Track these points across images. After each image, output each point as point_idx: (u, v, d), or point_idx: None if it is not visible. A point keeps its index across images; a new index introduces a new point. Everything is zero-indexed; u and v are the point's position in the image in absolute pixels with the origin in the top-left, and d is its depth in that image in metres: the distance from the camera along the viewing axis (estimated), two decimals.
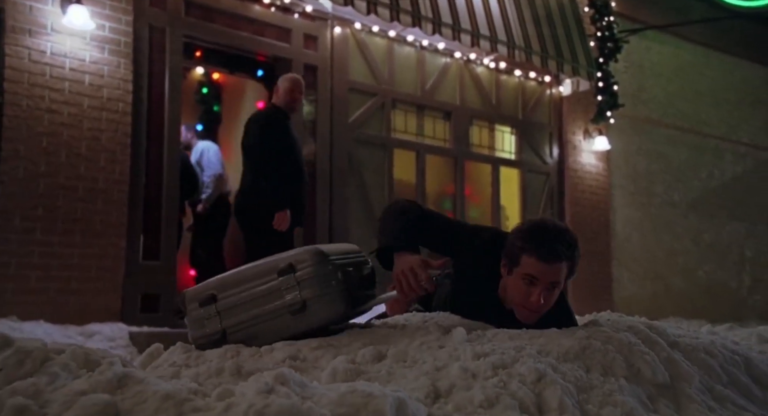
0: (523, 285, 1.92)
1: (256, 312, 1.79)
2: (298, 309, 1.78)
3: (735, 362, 1.75)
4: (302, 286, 1.79)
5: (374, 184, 6.08)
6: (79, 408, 1.09)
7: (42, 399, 1.13)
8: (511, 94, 7.11)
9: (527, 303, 1.92)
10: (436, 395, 1.37)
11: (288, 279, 1.80)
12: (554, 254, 1.90)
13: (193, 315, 1.81)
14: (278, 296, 1.79)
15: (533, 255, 1.90)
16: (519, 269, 1.93)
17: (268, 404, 1.10)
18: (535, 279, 1.90)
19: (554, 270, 1.91)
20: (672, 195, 8.39)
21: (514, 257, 1.95)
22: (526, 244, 1.92)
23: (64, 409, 1.10)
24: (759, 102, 9.72)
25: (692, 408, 1.45)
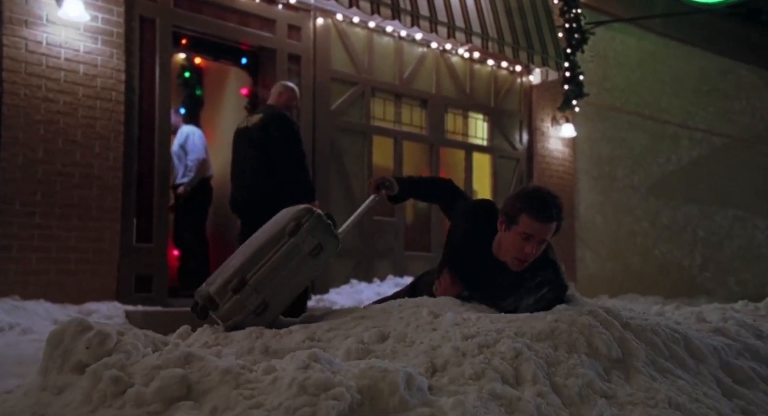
0: (520, 239, 2.32)
1: (285, 272, 2.14)
2: (318, 251, 2.20)
3: (675, 339, 2.08)
4: (313, 234, 2.20)
5: (354, 170, 6.34)
6: (160, 379, 1.35)
7: (127, 372, 1.40)
8: (483, 82, 7.39)
9: (521, 254, 2.32)
10: (433, 370, 1.67)
11: (300, 234, 2.19)
12: (548, 216, 2.31)
13: (231, 303, 2.07)
14: (297, 250, 2.18)
15: (531, 216, 2.29)
16: (517, 227, 2.32)
17: (308, 377, 1.37)
18: (531, 236, 2.30)
19: (546, 229, 2.32)
20: (632, 179, 8.80)
21: (514, 217, 2.33)
22: (526, 206, 2.31)
23: (148, 380, 1.36)
24: (715, 90, 10.16)
25: (639, 378, 1.77)
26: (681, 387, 1.80)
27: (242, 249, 2.25)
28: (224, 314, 2.08)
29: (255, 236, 2.28)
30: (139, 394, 1.34)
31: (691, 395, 1.77)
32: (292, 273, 2.13)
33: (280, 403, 1.32)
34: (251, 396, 1.36)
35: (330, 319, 2.07)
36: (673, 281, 8.82)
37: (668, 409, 1.63)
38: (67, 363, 1.55)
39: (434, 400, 1.44)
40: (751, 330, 2.52)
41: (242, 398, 1.35)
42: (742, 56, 10.35)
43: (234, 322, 2.07)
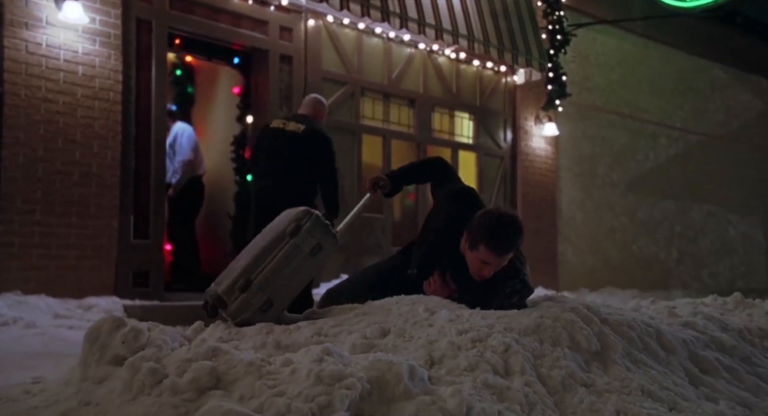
0: (479, 263, 2.48)
1: (287, 271, 2.30)
2: (318, 250, 2.37)
3: (649, 333, 2.27)
4: (312, 234, 2.37)
5: (344, 168, 6.45)
6: (193, 370, 1.51)
7: (161, 364, 1.55)
8: (469, 82, 7.56)
9: (479, 274, 2.51)
10: (431, 362, 1.84)
11: (300, 235, 2.35)
12: (505, 249, 2.45)
13: (239, 301, 2.22)
14: (298, 250, 2.34)
15: (489, 248, 2.43)
16: (477, 253, 2.46)
17: (323, 369, 1.54)
18: (488, 263, 2.46)
19: (501, 260, 2.48)
20: (612, 176, 9.04)
21: (475, 243, 2.47)
22: (485, 238, 2.43)
23: (181, 371, 1.52)
24: (691, 90, 10.43)
25: (615, 369, 1.95)
26: (653, 376, 1.99)
27: (247, 251, 2.40)
28: (233, 312, 2.23)
29: (258, 237, 2.43)
30: (174, 384, 1.50)
31: (662, 383, 1.96)
32: (294, 271, 2.28)
33: (300, 392, 1.48)
34: (274, 385, 1.52)
35: (334, 315, 2.24)
36: (650, 274, 9.09)
37: (641, 396, 1.82)
38: (104, 357, 1.71)
39: (434, 389, 1.61)
40: (717, 323, 2.72)
41: (266, 387, 1.51)
42: (718, 57, 10.63)
43: (242, 319, 2.22)
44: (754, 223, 11.11)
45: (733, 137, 10.98)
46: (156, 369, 1.53)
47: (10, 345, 3.96)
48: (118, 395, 1.53)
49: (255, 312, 2.22)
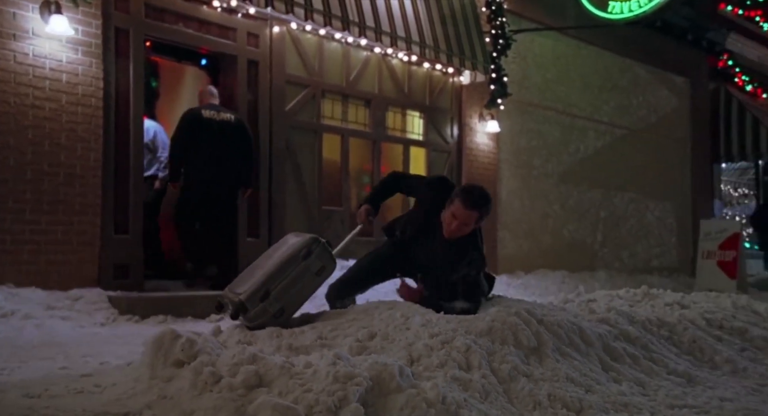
0: (450, 217, 3.13)
1: (298, 286, 2.86)
2: (322, 271, 2.96)
3: (573, 330, 2.87)
4: (320, 258, 2.96)
5: (306, 165, 6.91)
6: (242, 372, 1.99)
7: (216, 367, 2.03)
8: (420, 83, 8.05)
9: (448, 228, 3.16)
10: (411, 361, 2.37)
11: (310, 259, 2.92)
12: (472, 203, 3.13)
13: (258, 308, 2.71)
14: (307, 270, 2.89)
15: (460, 200, 3.12)
16: (451, 207, 3.14)
17: (338, 370, 2.04)
18: (455, 217, 3.10)
19: (467, 214, 3.12)
20: (547, 167, 9.76)
21: (452, 199, 3.16)
22: (459, 193, 3.15)
23: (233, 373, 2.00)
24: (616, 87, 11.22)
25: (548, 361, 2.53)
26: (575, 366, 2.59)
27: (261, 265, 2.88)
28: (252, 317, 2.72)
29: (271, 256, 2.91)
30: (230, 383, 1.98)
31: (582, 371, 2.56)
32: (302, 287, 2.79)
33: (323, 388, 1.99)
34: (302, 383, 2.01)
35: (329, 320, 2.74)
36: (578, 256, 9.91)
37: (566, 382, 2.40)
38: (168, 361, 2.16)
39: (417, 383, 2.14)
40: (626, 317, 3.36)
41: (297, 385, 2.00)
42: (640, 57, 11.42)
43: (258, 323, 2.70)
44: (668, 208, 12.11)
45: (652, 131, 11.88)
46: (214, 371, 2.00)
47: (15, 336, 4.30)
48: (187, 391, 2.00)
49: (269, 317, 2.70)
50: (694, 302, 4.28)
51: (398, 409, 2.00)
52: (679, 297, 4.28)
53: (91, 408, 2.00)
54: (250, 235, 6.39)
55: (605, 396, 2.40)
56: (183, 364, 2.15)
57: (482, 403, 2.15)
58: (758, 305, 4.47)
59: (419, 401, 2.02)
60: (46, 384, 2.43)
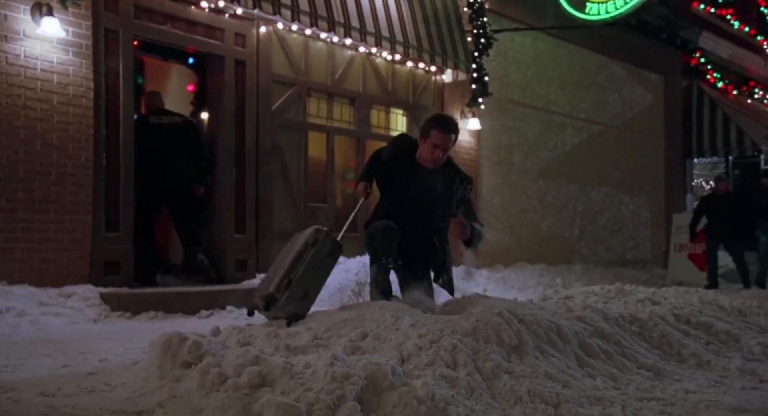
0: (431, 147, 3.51)
1: (316, 268, 3.12)
2: (332, 253, 3.21)
3: (552, 328, 3.05)
4: (325, 242, 3.21)
5: (293, 163, 7.03)
6: (247, 373, 2.13)
7: (222, 368, 2.16)
8: (403, 81, 8.18)
9: (433, 157, 3.53)
10: (402, 360, 2.53)
11: (318, 244, 3.17)
12: (447, 127, 3.54)
13: (286, 295, 2.95)
14: (319, 252, 3.17)
15: (437, 128, 3.50)
16: (429, 139, 3.51)
17: (335, 370, 2.19)
18: (437, 145, 3.48)
19: (447, 138, 3.53)
20: (526, 163, 9.97)
21: (426, 132, 3.54)
22: (433, 124, 3.54)
23: (238, 373, 2.14)
24: (593, 84, 11.46)
25: (528, 358, 2.71)
26: (553, 362, 2.77)
27: (280, 264, 3.11)
28: (283, 304, 2.94)
29: (286, 255, 3.14)
30: (235, 383, 2.11)
31: (559, 367, 2.74)
32: (318, 268, 3.12)
33: (322, 387, 2.13)
34: (303, 383, 2.16)
35: (323, 321, 2.89)
36: (556, 250, 10.16)
37: (545, 379, 2.58)
38: (176, 362, 2.30)
39: (408, 382, 2.30)
40: (601, 314, 3.56)
41: (298, 384, 2.15)
42: (615, 54, 11.66)
43: (290, 310, 2.93)
44: (642, 202, 12.41)
45: (627, 127, 12.15)
46: (221, 372, 2.14)
47: (11, 333, 4.39)
48: (196, 391, 2.14)
49: (297, 301, 2.92)
50: (664, 298, 4.50)
51: (391, 406, 2.16)
52: (650, 294, 4.49)
53: (106, 407, 2.13)
54: (238, 232, 6.50)
55: (580, 391, 2.58)
56: (190, 365, 2.29)
57: (468, 399, 2.31)
58: (723, 300, 4.70)
59: (410, 398, 2.18)
60: (57, 383, 2.55)
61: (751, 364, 3.53)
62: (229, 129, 6.43)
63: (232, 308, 5.64)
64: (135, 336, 4.60)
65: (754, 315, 4.58)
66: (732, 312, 4.51)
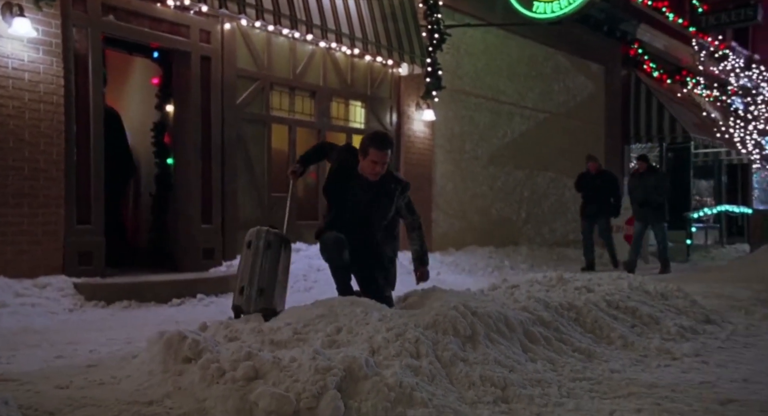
0: (371, 163, 3.88)
1: (258, 265, 3.51)
2: (268, 246, 3.59)
3: (500, 319, 3.46)
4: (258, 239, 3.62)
5: (257, 155, 7.24)
6: (242, 367, 2.45)
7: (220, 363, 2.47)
8: (361, 74, 8.44)
9: (373, 172, 3.90)
10: (372, 351, 2.88)
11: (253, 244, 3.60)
12: (384, 145, 3.91)
13: (244, 298, 3.34)
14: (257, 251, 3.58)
15: (375, 147, 3.89)
16: (368, 156, 3.87)
17: (318, 363, 2.53)
18: (376, 161, 3.85)
19: (384, 154, 3.89)
20: (477, 151, 10.40)
21: (365, 150, 3.89)
22: (370, 143, 3.89)
23: (234, 367, 2.45)
24: (540, 75, 11.94)
25: (480, 347, 3.11)
26: (502, 350, 3.18)
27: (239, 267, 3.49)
28: (249, 308, 3.34)
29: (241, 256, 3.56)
30: (233, 376, 2.43)
31: (506, 354, 3.15)
32: (261, 264, 3.51)
33: (307, 378, 2.47)
34: (291, 375, 2.49)
35: (300, 316, 3.21)
36: (504, 233, 10.69)
37: (494, 365, 2.98)
38: (178, 358, 2.60)
39: (379, 372, 2.66)
40: (542, 303, 4.00)
41: (287, 376, 2.48)
42: (560, 45, 12.15)
43: (258, 307, 3.36)
44: None
45: (570, 114, 12.71)
46: (219, 366, 2.46)
47: None
48: (198, 383, 2.45)
49: (257, 298, 3.25)
50: (598, 285, 4.98)
51: (366, 393, 2.52)
52: (586, 281, 4.98)
53: (120, 398, 2.41)
54: (205, 222, 6.72)
55: (524, 374, 2.99)
56: (190, 360, 2.59)
57: (430, 385, 2.69)
58: (649, 285, 5.23)
59: (382, 386, 2.54)
60: (65, 376, 2.82)
61: (668, 344, 4.04)
62: (195, 123, 6.60)
63: (202, 296, 5.90)
64: (113, 325, 4.84)
65: (674, 298, 5.12)
66: (655, 296, 5.03)
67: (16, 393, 2.52)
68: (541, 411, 2.65)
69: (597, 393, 2.96)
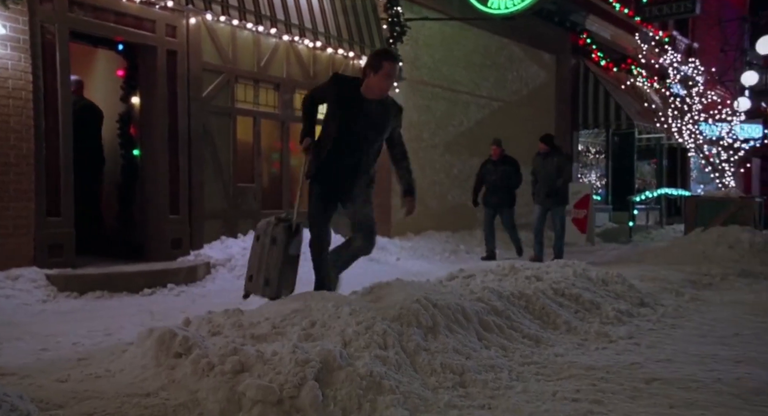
0: (384, 78, 3.91)
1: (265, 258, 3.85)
2: (274, 241, 3.86)
3: (458, 310, 3.79)
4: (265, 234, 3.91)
5: (222, 146, 7.38)
6: (229, 362, 2.70)
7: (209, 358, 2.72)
8: (324, 66, 8.59)
9: (385, 86, 3.96)
10: (344, 344, 3.17)
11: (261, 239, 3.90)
12: (396, 58, 4.04)
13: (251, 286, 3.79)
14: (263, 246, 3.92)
15: (389, 60, 3.96)
16: (381, 71, 3.89)
17: (297, 356, 2.80)
18: (389, 75, 3.92)
19: (394, 66, 3.97)
20: (434, 139, 10.72)
21: (378, 65, 3.89)
22: (384, 56, 3.96)
23: (222, 362, 2.71)
24: (494, 64, 12.29)
25: (440, 337, 3.43)
26: (459, 339, 3.51)
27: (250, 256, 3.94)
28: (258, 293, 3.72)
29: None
30: (222, 370, 2.69)
31: (463, 343, 3.49)
32: (268, 257, 3.82)
33: (288, 370, 2.74)
34: (274, 367, 2.76)
35: (277, 311, 3.47)
36: (460, 218, 11.08)
37: (453, 353, 3.31)
38: (170, 352, 2.83)
39: (352, 362, 2.95)
40: (496, 294, 4.35)
41: (270, 369, 2.75)
42: (514, 36, 12.51)
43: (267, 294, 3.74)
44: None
45: (524, 102, 13.14)
46: (209, 361, 2.71)
47: None
48: (190, 376, 2.69)
49: (263, 288, 3.71)
50: (546, 273, 5.38)
51: (341, 382, 2.81)
52: (536, 270, 5.37)
53: (119, 390, 2.63)
54: (173, 213, 6.85)
55: (479, 361, 3.34)
56: (181, 355, 2.83)
57: (396, 373, 3.00)
58: (592, 271, 5.66)
59: (354, 376, 2.83)
60: (61, 370, 3.02)
61: (606, 327, 4.46)
62: (162, 116, 6.69)
63: (172, 285, 6.07)
64: (89, 316, 4.99)
65: (613, 284, 5.56)
66: (597, 282, 5.47)
67: (19, 387, 2.72)
68: (494, 394, 3.00)
69: (542, 375, 3.33)
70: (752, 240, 8.81)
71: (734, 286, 7.03)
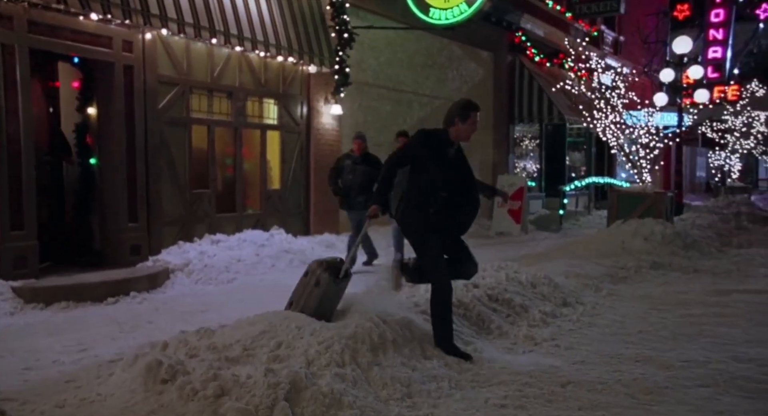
0: (471, 126, 4.23)
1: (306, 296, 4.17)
2: (318, 283, 4.17)
3: (406, 324, 4.26)
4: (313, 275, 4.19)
5: (178, 155, 7.59)
6: (211, 387, 3.10)
7: (193, 384, 3.11)
8: (274, 74, 8.85)
9: (472, 133, 4.25)
10: (308, 363, 3.60)
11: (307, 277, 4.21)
12: (478, 108, 4.28)
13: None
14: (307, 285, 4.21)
15: (475, 111, 4.29)
16: (470, 119, 4.21)
17: (269, 380, 3.22)
18: (476, 121, 4.25)
19: (478, 115, 4.28)
20: (380, 138, 11.08)
21: (467, 114, 4.20)
22: (471, 107, 4.23)
23: (204, 387, 3.10)
24: (435, 64, 12.75)
25: (389, 352, 3.90)
26: (405, 353, 3.99)
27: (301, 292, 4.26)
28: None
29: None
30: (204, 395, 3.08)
31: (409, 356, 3.97)
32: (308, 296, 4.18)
33: (262, 393, 3.15)
34: (249, 390, 3.16)
35: (246, 332, 3.87)
36: None
37: (400, 366, 3.79)
38: (157, 379, 3.19)
39: (316, 381, 3.38)
40: None
41: (246, 392, 3.15)
42: (453, 36, 12.95)
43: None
44: (475, 165, 13.58)
45: None
46: (193, 387, 3.10)
47: None
48: (176, 401, 3.07)
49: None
50: (483, 278, 5.92)
51: (306, 401, 3.25)
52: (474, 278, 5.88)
53: (114, 414, 3.00)
54: (131, 221, 7.06)
55: (423, 372, 3.83)
56: (167, 381, 3.20)
57: (353, 389, 3.45)
58: (522, 275, 6.24)
59: (318, 394, 3.28)
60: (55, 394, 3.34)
61: (532, 330, 5.02)
62: (120, 128, 6.85)
63: (135, 293, 6.30)
64: (59, 329, 5.20)
65: (541, 285, 6.15)
66: (527, 285, 6.05)
67: (24, 414, 3.04)
68: (436, 402, 3.50)
69: (477, 383, 3.85)
70: (663, 231, 9.68)
71: (646, 279, 7.78)
